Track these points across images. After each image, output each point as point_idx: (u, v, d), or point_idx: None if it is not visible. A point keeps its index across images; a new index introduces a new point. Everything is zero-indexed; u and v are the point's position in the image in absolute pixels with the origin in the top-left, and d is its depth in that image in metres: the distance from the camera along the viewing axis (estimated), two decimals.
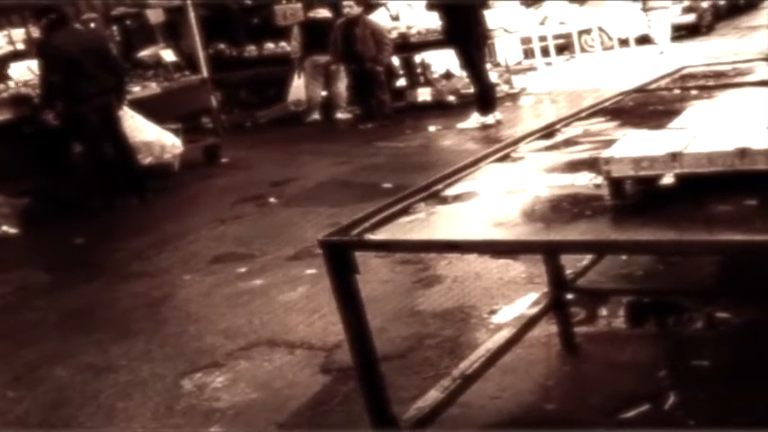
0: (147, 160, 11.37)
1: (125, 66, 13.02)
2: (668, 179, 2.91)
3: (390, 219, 3.19)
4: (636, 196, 2.92)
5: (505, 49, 18.67)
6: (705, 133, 3.10)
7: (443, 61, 17.15)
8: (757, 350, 4.33)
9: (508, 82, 16.65)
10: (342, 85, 15.90)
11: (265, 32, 16.96)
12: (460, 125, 13.23)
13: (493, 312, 5.45)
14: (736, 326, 4.70)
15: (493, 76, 17.00)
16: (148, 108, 11.94)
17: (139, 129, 11.30)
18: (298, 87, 16.17)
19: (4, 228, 9.85)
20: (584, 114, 4.70)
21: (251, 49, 17.15)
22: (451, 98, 15.70)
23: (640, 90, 5.33)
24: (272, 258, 7.45)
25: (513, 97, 15.95)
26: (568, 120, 4.58)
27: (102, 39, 12.43)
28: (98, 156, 10.71)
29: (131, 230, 9.35)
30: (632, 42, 21.12)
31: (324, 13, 15.86)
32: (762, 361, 4.15)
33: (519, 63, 20.17)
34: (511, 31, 18.06)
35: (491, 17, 16.60)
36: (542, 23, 20.26)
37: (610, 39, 21.51)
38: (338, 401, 4.59)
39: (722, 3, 24.93)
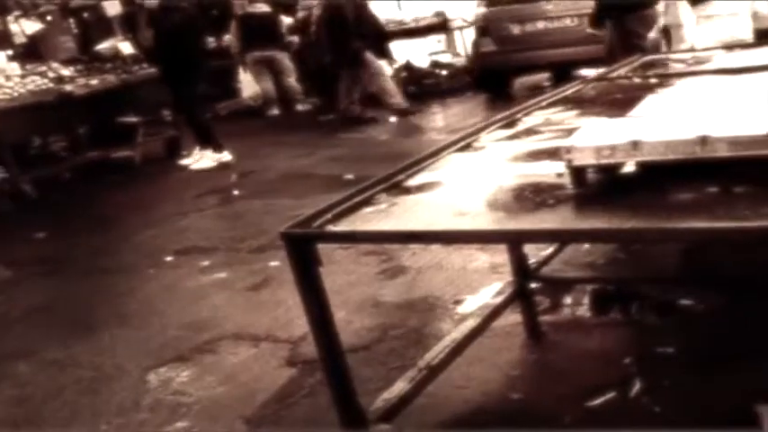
0: None
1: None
2: (630, 167, 2.92)
3: (352, 210, 3.18)
4: (598, 185, 2.93)
5: (465, 39, 18.64)
6: (666, 121, 3.12)
7: (403, 52, 17.14)
8: (720, 336, 4.37)
9: None
10: (292, 78, 15.84)
11: (224, 24, 16.85)
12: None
13: (457, 302, 5.46)
14: (699, 313, 4.73)
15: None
16: (107, 101, 11.92)
17: None
18: (248, 82, 16.11)
19: None
20: (544, 103, 4.71)
21: (210, 41, 17.04)
22: (412, 88, 15.68)
23: (601, 78, 5.35)
24: (236, 251, 7.43)
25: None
26: (529, 108, 4.58)
27: None
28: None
29: (93, 224, 9.30)
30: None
31: (263, 7, 15.67)
32: (725, 347, 4.18)
33: None
34: (470, 21, 18.06)
35: (451, 7, 16.64)
36: None
37: None
38: (304, 394, 4.59)
39: None
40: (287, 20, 16.02)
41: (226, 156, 11.88)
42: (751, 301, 4.53)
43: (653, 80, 4.93)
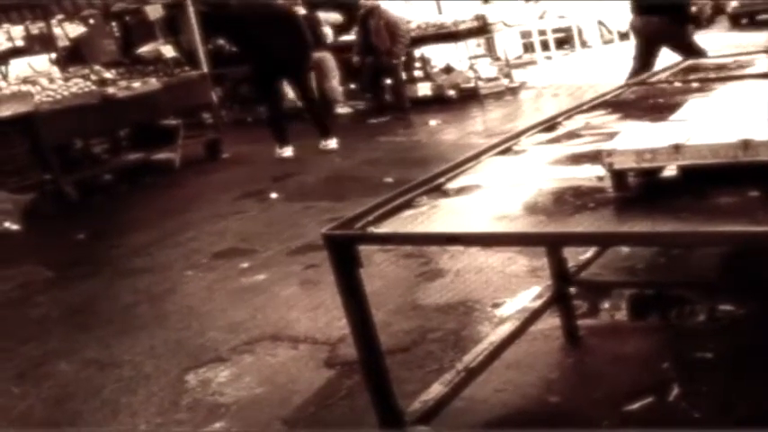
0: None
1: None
2: (670, 171, 2.91)
3: (393, 212, 3.20)
4: (638, 188, 2.93)
5: (505, 43, 18.65)
6: (707, 125, 3.10)
7: (443, 55, 17.14)
8: (760, 342, 4.33)
9: (508, 76, 16.64)
10: (335, 79, 15.85)
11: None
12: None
13: (496, 306, 5.45)
14: (739, 318, 4.70)
15: (493, 70, 17.02)
16: (149, 104, 12.01)
17: None
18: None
19: (6, 224, 9.86)
20: (585, 107, 4.70)
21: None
22: (452, 92, 15.68)
23: (642, 83, 5.34)
24: (274, 253, 7.46)
25: (514, 91, 15.97)
26: (570, 113, 4.58)
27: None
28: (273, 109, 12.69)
29: (133, 226, 9.36)
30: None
31: (302, 9, 15.67)
32: (764, 353, 4.15)
33: (519, 57, 20.16)
34: (510, 24, 18.02)
35: (491, 11, 16.62)
36: (542, 17, 20.21)
37: (609, 32, 21.50)
38: (342, 396, 4.60)
39: None
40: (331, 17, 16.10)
41: (287, 151, 12.45)
42: None
43: (695, 84, 4.91)
